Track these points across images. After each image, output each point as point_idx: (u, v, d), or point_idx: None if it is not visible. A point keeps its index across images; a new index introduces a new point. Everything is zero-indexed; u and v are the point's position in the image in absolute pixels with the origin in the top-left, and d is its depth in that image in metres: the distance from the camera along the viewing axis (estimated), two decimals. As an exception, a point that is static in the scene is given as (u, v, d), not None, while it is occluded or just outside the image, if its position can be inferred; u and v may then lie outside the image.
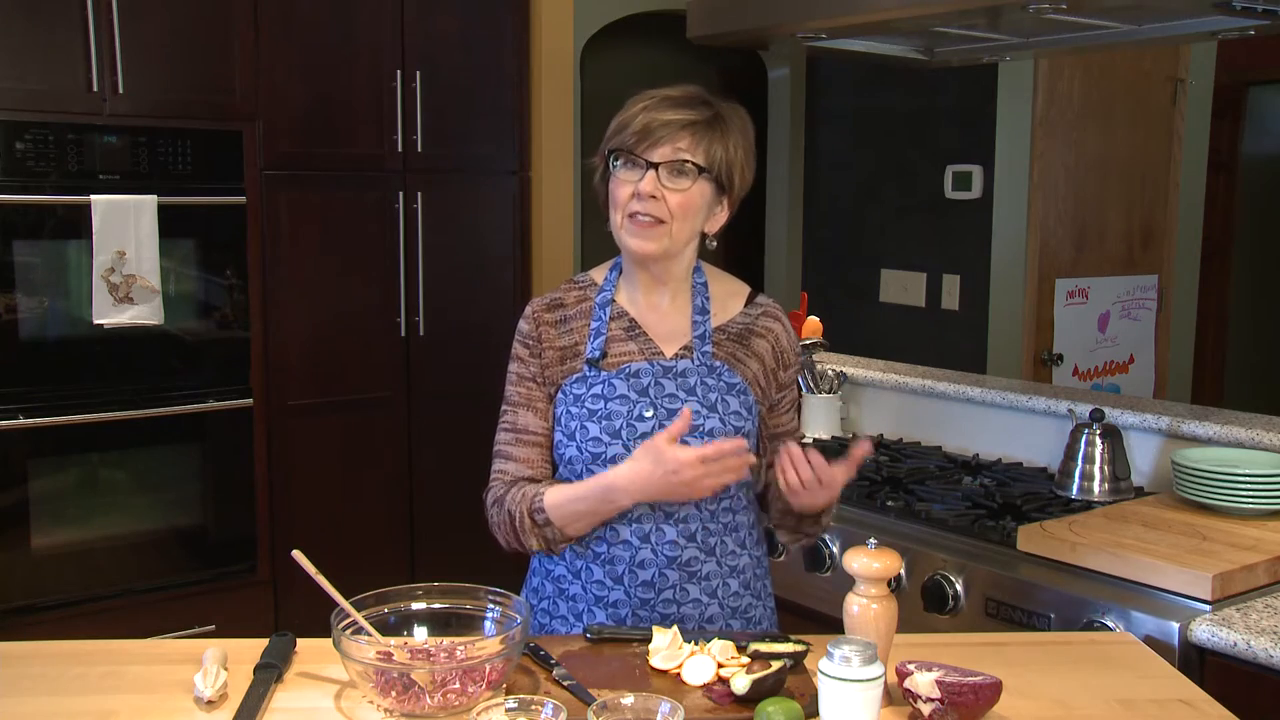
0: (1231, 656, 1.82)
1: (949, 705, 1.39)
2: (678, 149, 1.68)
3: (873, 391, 3.23)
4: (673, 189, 1.68)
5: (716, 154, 1.70)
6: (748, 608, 1.79)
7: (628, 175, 1.70)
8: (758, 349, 1.81)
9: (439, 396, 4.09)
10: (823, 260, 5.15)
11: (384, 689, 1.41)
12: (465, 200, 4.12)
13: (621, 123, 1.71)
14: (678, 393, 1.72)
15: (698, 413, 1.71)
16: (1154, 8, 2.39)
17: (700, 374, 1.74)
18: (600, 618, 1.73)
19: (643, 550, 1.71)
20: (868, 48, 2.94)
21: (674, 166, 1.67)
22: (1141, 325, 4.65)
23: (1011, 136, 4.31)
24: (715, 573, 1.74)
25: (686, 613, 1.73)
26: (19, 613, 3.36)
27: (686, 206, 1.69)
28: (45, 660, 1.59)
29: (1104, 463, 2.51)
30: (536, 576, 1.86)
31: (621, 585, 1.72)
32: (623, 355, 1.75)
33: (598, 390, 1.72)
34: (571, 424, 1.73)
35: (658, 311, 1.79)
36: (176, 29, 3.49)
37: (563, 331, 1.79)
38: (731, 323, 1.81)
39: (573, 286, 1.84)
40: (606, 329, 1.77)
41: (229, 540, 3.73)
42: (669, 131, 1.67)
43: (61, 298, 3.38)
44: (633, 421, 1.70)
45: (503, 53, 4.15)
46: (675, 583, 1.72)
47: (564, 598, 1.78)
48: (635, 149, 1.68)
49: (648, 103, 1.71)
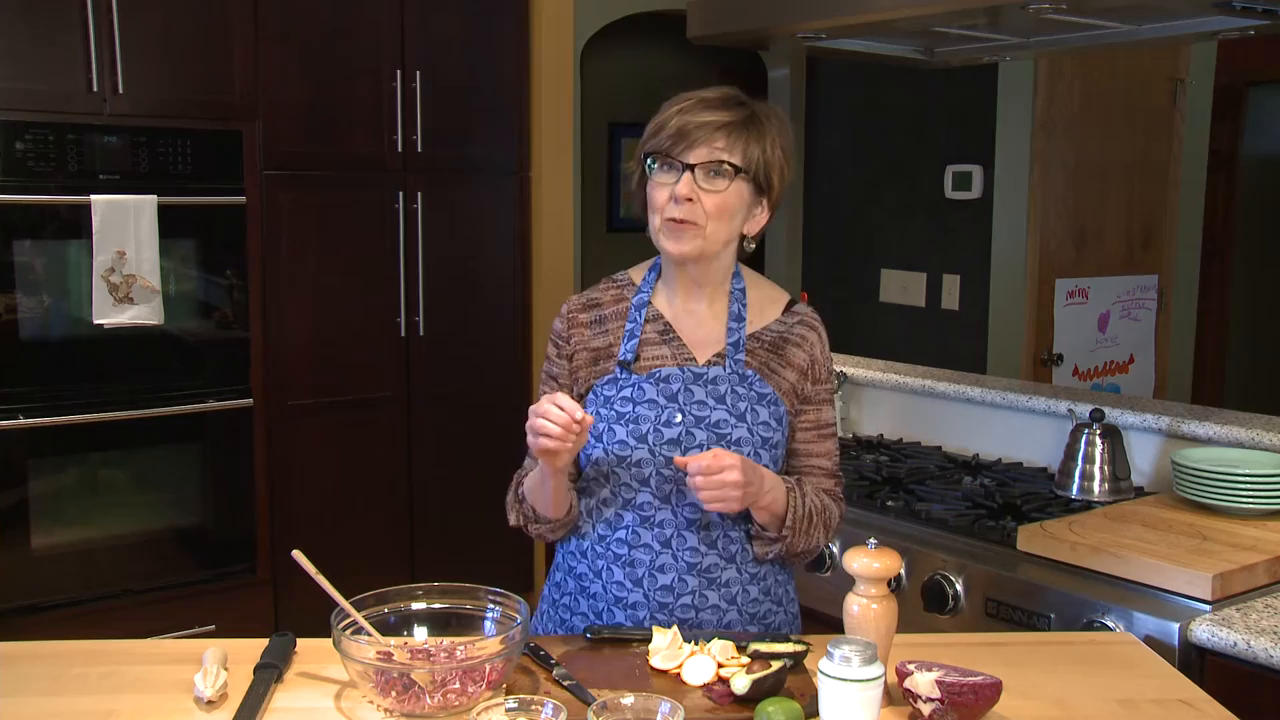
0: (1231, 656, 1.82)
1: (949, 705, 1.39)
2: (714, 149, 1.66)
3: (873, 391, 3.23)
4: (709, 190, 1.67)
5: (754, 154, 1.68)
6: (766, 614, 1.78)
7: (664, 178, 1.69)
8: (793, 359, 1.78)
9: (439, 396, 4.09)
10: (823, 260, 5.15)
11: (384, 689, 1.41)
12: (465, 200, 4.12)
13: (657, 125, 1.70)
14: (707, 400, 1.71)
15: (725, 421, 1.70)
16: (1154, 8, 2.39)
17: (731, 382, 1.73)
18: (620, 618, 1.73)
19: (663, 555, 1.71)
20: (868, 48, 2.94)
21: (710, 168, 1.66)
22: (1141, 325, 4.65)
23: (1011, 136, 4.31)
24: (735, 579, 1.74)
25: (705, 618, 1.72)
26: (19, 613, 3.36)
27: (723, 207, 1.68)
28: (45, 660, 1.59)
29: (1104, 463, 2.51)
30: (560, 572, 1.86)
31: (641, 588, 1.72)
32: (655, 359, 1.75)
33: (627, 393, 1.72)
34: (599, 425, 1.72)
35: (694, 316, 1.78)
36: (176, 29, 3.49)
37: (598, 332, 1.79)
38: (766, 330, 1.79)
39: (610, 285, 1.84)
40: (641, 331, 1.77)
41: (229, 540, 3.73)
42: (705, 133, 1.66)
43: (61, 298, 3.39)
44: (660, 427, 1.70)
45: (503, 53, 4.16)
46: (694, 588, 1.71)
47: (585, 595, 1.78)
48: (671, 151, 1.67)
49: (683, 105, 1.69)
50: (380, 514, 4.02)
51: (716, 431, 1.69)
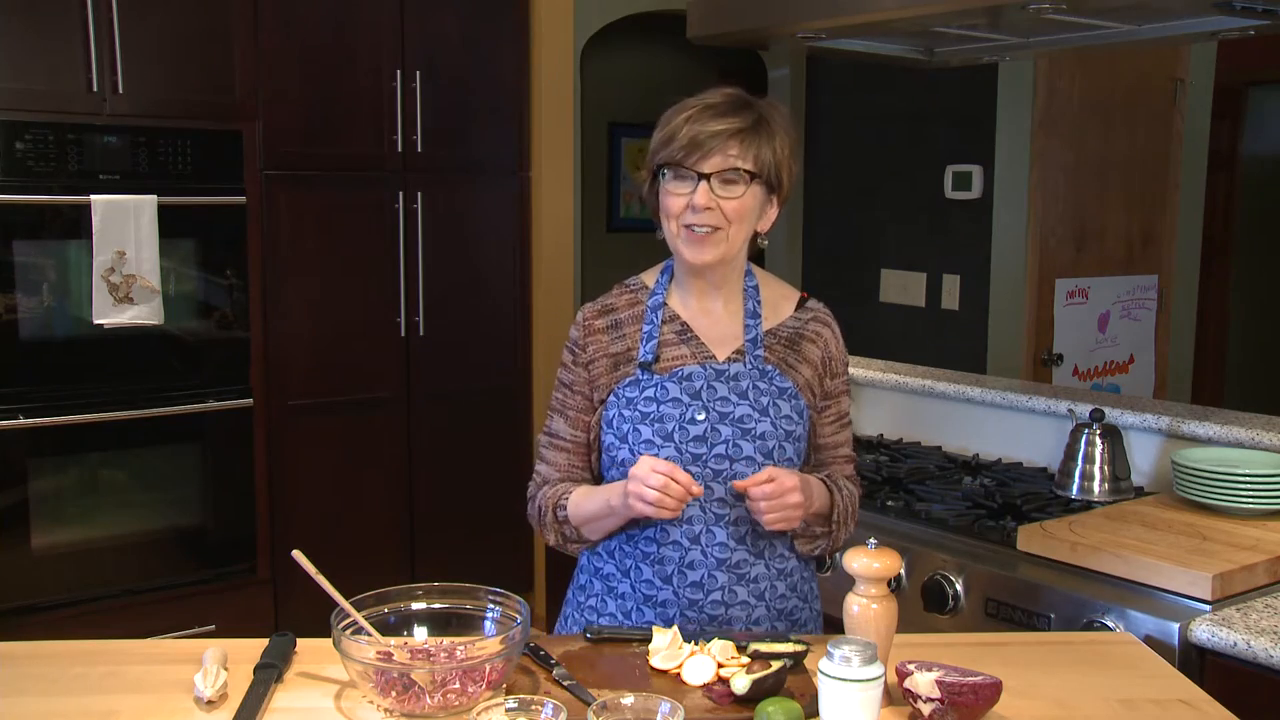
0: (1231, 656, 1.82)
1: (949, 705, 1.39)
2: (728, 157, 1.67)
3: (873, 391, 3.23)
4: (726, 197, 1.69)
5: (765, 157, 1.70)
6: (793, 610, 1.80)
7: (678, 187, 1.70)
8: (808, 354, 1.81)
9: (439, 396, 4.09)
10: (823, 260, 5.15)
11: (384, 689, 1.41)
12: (465, 200, 4.12)
13: (667, 135, 1.70)
14: (730, 396, 1.73)
15: (749, 416, 1.72)
16: (1154, 8, 2.38)
17: (752, 378, 1.75)
18: (649, 617, 1.74)
19: (692, 551, 1.72)
20: (868, 48, 2.93)
21: (725, 176, 1.68)
22: (1141, 325, 4.65)
23: (1011, 136, 4.31)
24: (764, 575, 1.75)
25: (734, 614, 1.73)
26: (19, 613, 3.36)
27: (741, 212, 1.70)
28: (45, 660, 1.59)
29: (1104, 463, 2.51)
30: (584, 574, 1.86)
31: (670, 585, 1.73)
32: (675, 359, 1.76)
33: (650, 393, 1.73)
34: (624, 427, 1.73)
35: (710, 315, 1.80)
36: (176, 29, 3.49)
37: (615, 338, 1.80)
38: (782, 326, 1.82)
39: (624, 290, 1.85)
40: (659, 332, 1.78)
41: (229, 540, 3.73)
42: (717, 141, 1.67)
43: (61, 298, 3.39)
44: (685, 424, 1.71)
45: (503, 53, 4.16)
46: (724, 584, 1.72)
47: (612, 596, 1.79)
48: (685, 162, 1.68)
49: (690, 113, 1.69)
50: (380, 514, 4.02)
51: (741, 426, 1.71)
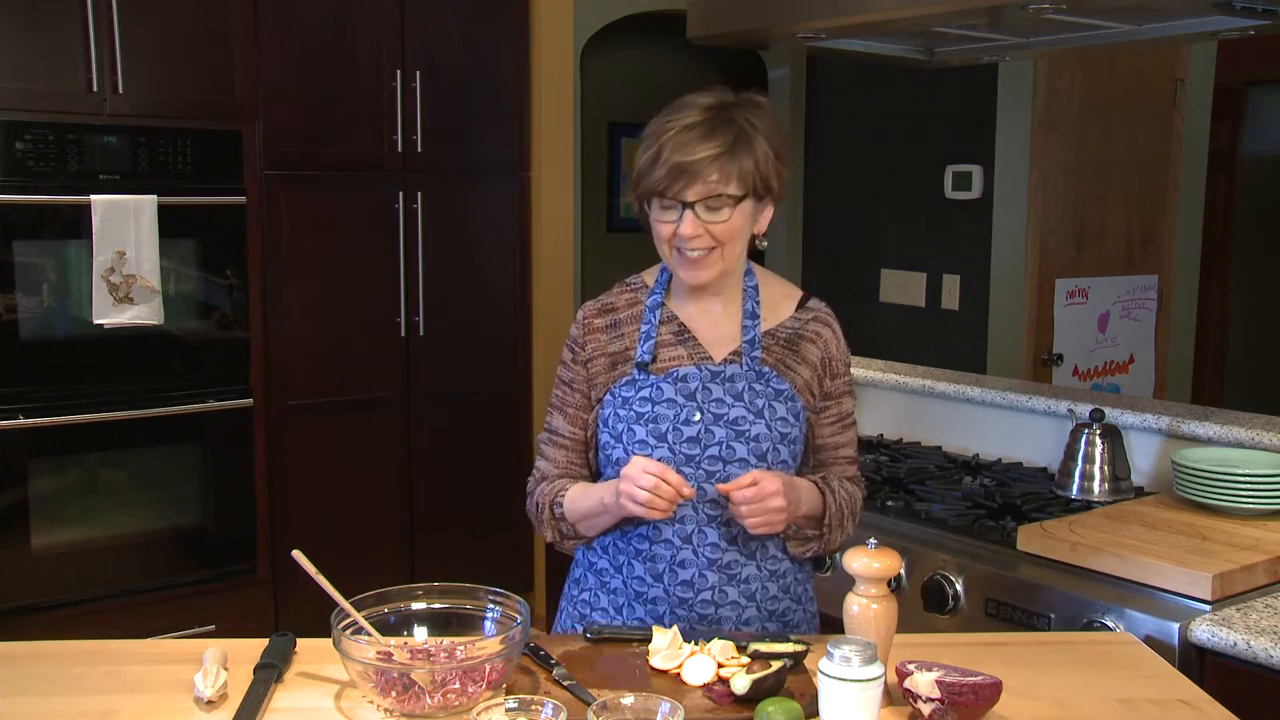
0: (1231, 656, 1.82)
1: (949, 705, 1.39)
2: (709, 184, 1.65)
3: (873, 391, 3.23)
4: (713, 221, 1.67)
5: (748, 172, 1.67)
6: (785, 611, 1.79)
7: (665, 215, 1.69)
8: (807, 355, 1.80)
9: (439, 396, 4.09)
10: (823, 260, 5.15)
11: (384, 689, 1.41)
12: (465, 200, 4.12)
13: (648, 162, 1.67)
14: (725, 398, 1.72)
15: (743, 418, 1.72)
16: (1154, 8, 2.38)
17: (749, 379, 1.74)
18: (639, 613, 1.74)
19: (684, 550, 1.72)
20: (868, 48, 2.93)
21: (709, 203, 1.66)
22: (1141, 325, 4.65)
23: (1011, 136, 4.31)
24: (755, 576, 1.75)
25: (724, 614, 1.73)
26: (19, 613, 3.36)
27: (731, 232, 1.69)
28: (45, 660, 1.59)
29: (1104, 463, 2.51)
30: (579, 568, 1.87)
31: (661, 583, 1.73)
32: (671, 359, 1.76)
33: (645, 394, 1.73)
34: (619, 426, 1.73)
35: (709, 316, 1.79)
36: (176, 29, 3.49)
37: (614, 337, 1.80)
38: (781, 327, 1.81)
39: (624, 289, 1.85)
40: (656, 333, 1.78)
41: (229, 540, 3.73)
42: (699, 167, 1.64)
43: (61, 298, 3.39)
44: (679, 425, 1.71)
45: (503, 53, 4.15)
46: (714, 584, 1.72)
47: (605, 590, 1.79)
48: (668, 192, 1.66)
49: (667, 136, 1.66)
50: (380, 514, 4.02)
51: (735, 428, 1.71)
